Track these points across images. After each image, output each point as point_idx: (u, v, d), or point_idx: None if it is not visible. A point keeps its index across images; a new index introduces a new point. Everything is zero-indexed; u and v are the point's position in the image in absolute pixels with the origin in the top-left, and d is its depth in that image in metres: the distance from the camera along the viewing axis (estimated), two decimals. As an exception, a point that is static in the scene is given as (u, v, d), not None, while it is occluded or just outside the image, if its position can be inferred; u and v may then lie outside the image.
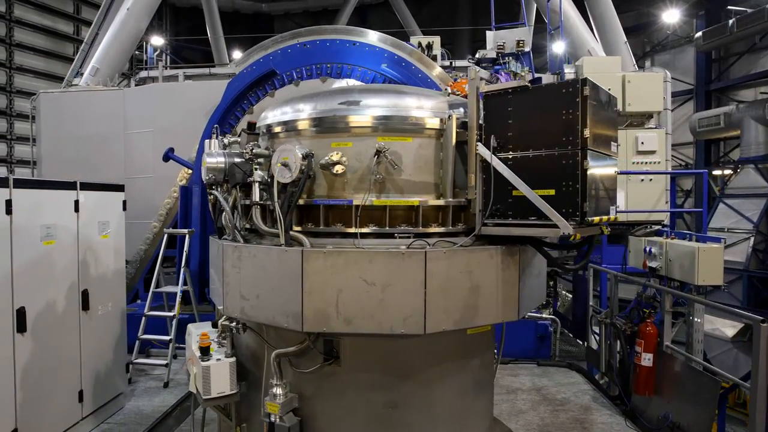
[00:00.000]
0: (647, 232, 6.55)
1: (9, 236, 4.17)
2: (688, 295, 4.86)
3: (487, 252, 3.13)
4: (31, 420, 4.37)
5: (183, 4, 18.25)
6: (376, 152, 3.14)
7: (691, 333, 5.15)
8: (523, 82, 3.09)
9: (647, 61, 15.92)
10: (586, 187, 2.83)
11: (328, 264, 3.00)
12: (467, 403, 3.40)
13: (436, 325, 2.96)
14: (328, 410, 3.30)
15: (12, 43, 12.55)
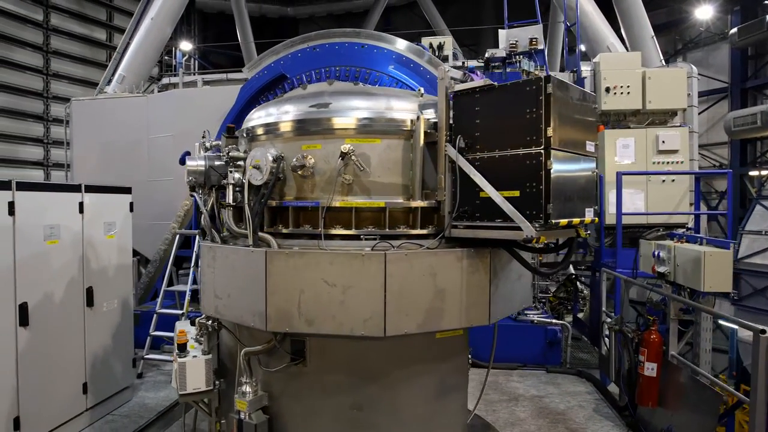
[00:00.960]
0: (658, 235, 6.26)
1: (12, 236, 4.41)
2: (691, 302, 4.61)
3: (453, 254, 3.07)
4: (33, 408, 4.60)
5: (210, 10, 18.84)
6: (341, 154, 3.14)
7: (698, 343, 4.89)
8: (488, 81, 3.03)
9: (679, 59, 15.24)
10: (549, 188, 2.73)
11: (290, 265, 3.03)
12: (437, 408, 3.34)
13: (396, 328, 2.93)
14: (295, 410, 3.32)
15: (48, 51, 13.27)
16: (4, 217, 4.36)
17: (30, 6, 12.88)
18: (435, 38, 8.81)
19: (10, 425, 4.39)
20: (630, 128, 8.26)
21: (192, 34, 18.04)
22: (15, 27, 12.47)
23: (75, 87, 13.98)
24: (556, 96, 2.76)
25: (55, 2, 13.55)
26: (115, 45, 14.57)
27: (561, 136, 2.84)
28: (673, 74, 8.21)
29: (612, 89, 8.12)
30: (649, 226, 7.95)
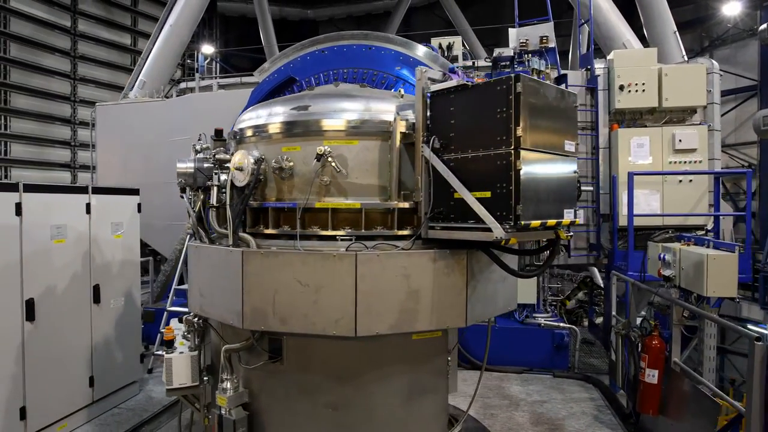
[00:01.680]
0: (666, 237, 6.06)
1: (19, 235, 4.63)
2: (691, 306, 4.44)
3: (427, 255, 3.07)
4: (39, 399, 4.82)
5: (232, 14, 19.26)
6: (317, 156, 3.18)
7: (702, 350, 4.71)
8: (461, 80, 3.01)
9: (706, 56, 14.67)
10: (519, 189, 2.70)
11: (265, 265, 3.08)
12: (413, 410, 3.34)
13: (368, 328, 2.95)
14: (274, 407, 3.38)
15: (76, 56, 13.83)
16: (11, 218, 4.59)
17: (58, 12, 13.46)
18: (444, 38, 8.75)
19: (16, 414, 4.61)
20: (645, 127, 8.04)
21: (214, 37, 18.48)
22: (45, 33, 13.04)
23: (101, 91, 14.52)
24: (526, 95, 2.73)
25: (82, 8, 14.11)
26: (139, 49, 15.09)
27: (534, 136, 2.80)
28: (692, 70, 7.94)
29: (626, 87, 7.91)
30: (665, 228, 7.71)
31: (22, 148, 12.56)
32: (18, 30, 12.30)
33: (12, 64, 12.15)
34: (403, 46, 8.09)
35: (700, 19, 15.39)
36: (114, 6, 15.08)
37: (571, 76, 8.34)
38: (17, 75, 12.33)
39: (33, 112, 12.76)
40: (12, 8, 12.10)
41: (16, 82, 12.26)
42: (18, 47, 12.28)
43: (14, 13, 12.18)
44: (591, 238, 8.35)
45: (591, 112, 8.29)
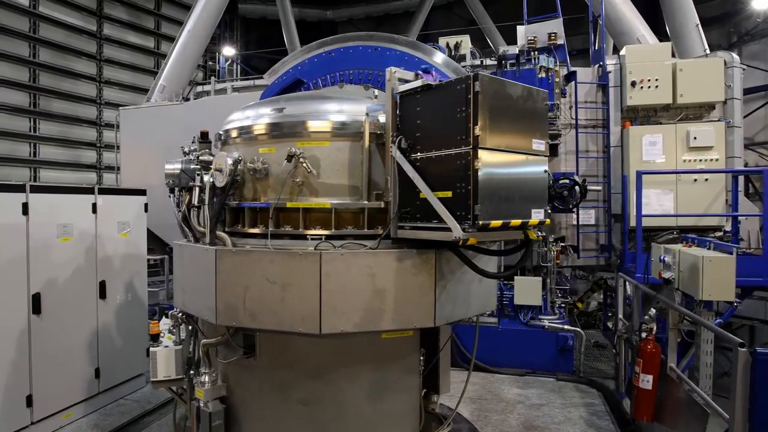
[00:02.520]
0: (670, 238, 5.88)
1: (25, 233, 4.91)
2: (684, 310, 4.31)
3: (393, 255, 3.11)
4: (45, 388, 5.09)
5: (252, 15, 19.66)
6: (288, 157, 3.26)
7: (698, 355, 4.56)
8: (426, 80, 3.04)
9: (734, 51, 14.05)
10: (477, 188, 2.71)
11: (236, 262, 3.20)
12: (383, 409, 3.39)
13: (333, 326, 3.02)
14: (248, 401, 3.49)
15: (101, 59, 14.42)
16: (18, 217, 4.87)
17: (85, 17, 14.06)
18: (452, 38, 8.73)
19: (23, 402, 4.89)
20: (660, 124, 7.82)
21: (234, 39, 18.90)
22: (72, 37, 13.65)
23: (124, 93, 15.08)
24: (485, 94, 2.74)
25: (108, 13, 14.69)
26: (162, 52, 15.60)
27: (495, 135, 2.81)
28: (708, 65, 7.68)
29: (638, 83, 7.71)
30: (679, 229, 7.49)
31: (50, 150, 13.19)
32: (47, 35, 12.91)
33: (41, 68, 12.77)
34: (407, 47, 8.12)
35: (728, 14, 14.80)
36: (138, 10, 15.63)
37: (581, 73, 8.19)
38: (46, 79, 12.95)
39: (61, 114, 13.37)
40: (41, 14, 12.72)
41: (44, 85, 12.88)
42: (47, 51, 12.90)
43: (44, 19, 12.80)
44: (602, 239, 8.18)
45: (602, 109, 8.13)
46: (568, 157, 8.23)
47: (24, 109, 12.40)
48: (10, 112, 12.09)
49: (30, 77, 12.52)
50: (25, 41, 12.40)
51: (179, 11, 16.42)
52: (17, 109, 12.24)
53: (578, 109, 8.14)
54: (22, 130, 12.42)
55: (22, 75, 12.36)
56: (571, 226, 8.13)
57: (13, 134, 12.20)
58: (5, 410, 4.73)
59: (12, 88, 12.10)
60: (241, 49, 19.08)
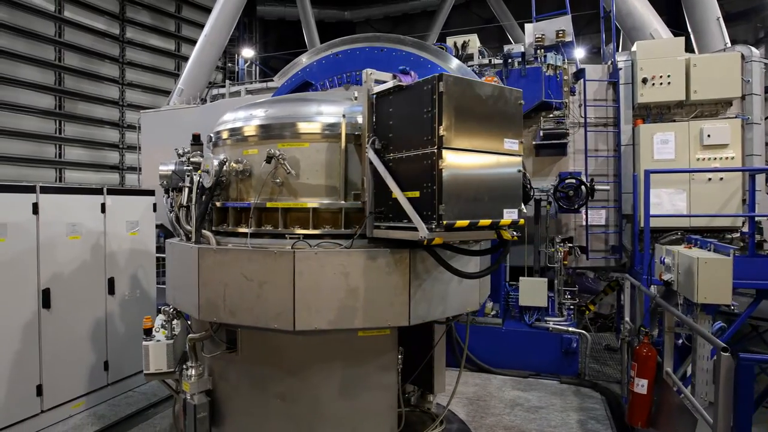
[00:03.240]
0: (673, 239, 5.74)
1: (35, 231, 5.20)
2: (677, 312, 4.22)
3: (366, 254, 3.19)
4: (55, 378, 5.37)
5: (271, 17, 20.02)
6: (268, 158, 3.38)
7: (694, 360, 4.47)
8: (398, 81, 3.11)
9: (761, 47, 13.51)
10: (441, 188, 2.77)
11: (217, 260, 3.34)
12: (359, 406, 3.46)
13: (306, 323, 3.12)
14: (231, 395, 3.63)
15: (124, 62, 14.97)
16: (28, 216, 5.16)
17: (109, 21, 14.62)
18: (459, 37, 8.73)
19: (34, 390, 5.18)
20: (673, 122, 7.65)
21: (253, 40, 19.29)
22: (96, 41, 14.21)
23: (146, 95, 15.60)
24: (450, 94, 2.79)
25: (130, 16, 15.23)
26: (183, 54, 16.07)
27: (462, 135, 2.86)
28: (724, 59, 7.47)
29: (650, 80, 7.57)
30: (692, 230, 7.33)
31: (75, 151, 13.77)
32: (72, 39, 13.48)
33: (66, 71, 13.35)
34: (413, 47, 8.21)
35: (755, 9, 14.29)
36: (160, 13, 16.14)
37: (592, 71, 8.09)
38: (70, 81, 13.52)
39: (85, 116, 13.94)
40: (66, 18, 13.29)
41: (69, 88, 13.45)
42: (71, 55, 13.47)
43: (68, 23, 13.37)
44: (612, 239, 8.06)
45: (613, 107, 8.01)
46: (578, 157, 8.14)
47: (50, 111, 12.98)
48: (37, 114, 12.67)
49: (55, 80, 13.10)
50: (51, 45, 12.97)
51: (200, 14, 16.87)
52: (43, 111, 12.82)
53: (588, 107, 8.05)
54: (48, 132, 12.99)
55: (48, 78, 12.94)
56: (579, 227, 8.03)
57: (40, 136, 12.78)
58: (17, 398, 5.03)
59: (39, 91, 12.68)
60: (259, 51, 19.46)
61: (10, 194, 5.10)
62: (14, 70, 12.09)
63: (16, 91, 12.17)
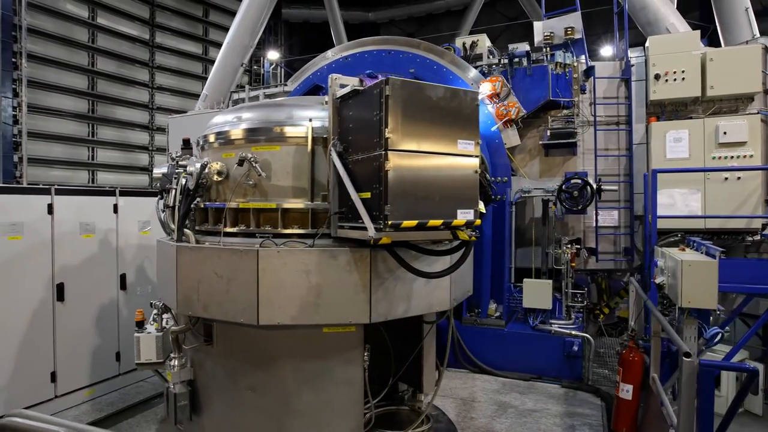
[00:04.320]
0: (671, 241, 5.61)
1: (50, 230, 5.67)
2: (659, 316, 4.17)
3: (327, 253, 3.38)
4: (68, 367, 5.84)
5: (295, 20, 20.51)
6: (240, 161, 3.63)
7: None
8: (356, 85, 3.27)
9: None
10: (388, 189, 2.92)
11: (192, 257, 3.61)
12: (325, 399, 3.63)
13: (270, 318, 3.34)
14: (208, 385, 3.90)
15: (153, 66, 15.74)
16: (44, 216, 5.64)
17: (139, 26, 15.42)
18: (468, 37, 8.77)
19: (48, 377, 5.66)
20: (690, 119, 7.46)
21: (279, 43, 19.82)
22: (126, 46, 15.02)
23: (174, 98, 16.34)
24: (396, 98, 2.93)
25: (160, 22, 16.00)
26: (210, 58, 16.73)
27: (409, 137, 3.00)
28: (743, 53, 7.23)
29: (663, 76, 7.41)
30: (707, 232, 7.14)
31: (107, 153, 14.61)
32: (104, 44, 14.31)
33: (98, 76, 14.19)
34: (421, 49, 8.36)
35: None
36: (187, 18, 16.87)
37: (602, 68, 7.98)
38: (103, 86, 14.36)
39: (116, 119, 14.77)
40: (99, 24, 14.12)
41: (102, 92, 14.29)
42: (103, 60, 14.30)
43: (101, 29, 14.20)
44: (624, 241, 7.92)
45: (625, 105, 7.87)
46: (588, 156, 8.03)
47: (83, 114, 13.83)
48: (71, 118, 13.53)
49: (89, 85, 13.95)
50: (85, 51, 13.82)
51: (227, 18, 17.47)
52: (78, 115, 13.68)
53: (599, 105, 7.94)
54: (82, 135, 13.85)
55: (82, 83, 13.79)
56: (588, 228, 7.94)
57: (74, 139, 13.64)
58: (32, 384, 5.50)
59: (73, 95, 13.54)
60: (284, 53, 19.98)
61: (27, 196, 5.59)
62: (51, 76, 12.96)
63: (53, 96, 13.04)
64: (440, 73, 7.99)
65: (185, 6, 16.81)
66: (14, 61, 11.44)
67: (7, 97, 11.25)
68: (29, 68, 11.77)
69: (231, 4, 17.22)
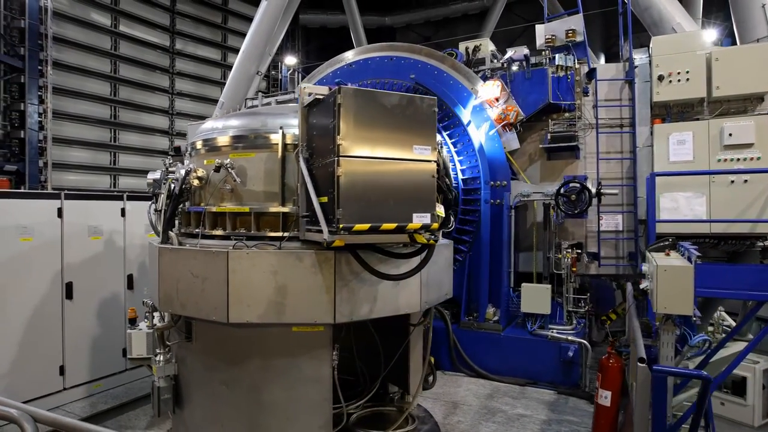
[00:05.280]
0: (660, 245, 5.58)
1: (60, 233, 6.13)
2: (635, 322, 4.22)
3: (294, 255, 3.62)
4: (76, 361, 6.29)
5: (313, 25, 20.98)
6: (216, 167, 3.92)
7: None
8: (318, 94, 3.50)
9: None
10: (339, 194, 3.14)
11: (172, 258, 3.92)
12: (295, 396, 3.85)
13: (239, 316, 3.60)
14: (189, 380, 4.20)
15: (173, 72, 16.43)
16: (54, 219, 6.10)
17: (159, 33, 16.13)
18: (471, 42, 8.92)
19: (57, 370, 6.10)
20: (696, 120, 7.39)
21: (296, 48, 20.32)
22: (148, 53, 15.73)
23: (193, 103, 16.99)
24: (348, 106, 3.15)
25: (180, 29, 16.69)
26: (228, 64, 17.33)
27: (362, 144, 3.21)
28: (750, 52, 7.14)
29: (666, 77, 7.38)
30: (714, 237, 7.08)
31: (128, 158, 15.32)
32: (126, 51, 15.05)
33: (121, 83, 14.92)
34: (423, 55, 8.57)
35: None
36: (207, 24, 17.53)
37: (604, 70, 8.00)
38: (125, 92, 15.09)
39: (137, 125, 15.49)
40: (121, 32, 14.86)
41: (124, 98, 15.02)
42: (125, 67, 15.03)
43: (122, 36, 14.93)
44: (628, 245, 7.90)
45: (628, 107, 7.86)
46: (592, 160, 8.05)
47: (106, 120, 14.57)
48: (94, 124, 14.28)
49: (111, 91, 14.69)
50: (108, 58, 14.57)
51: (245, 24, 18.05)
52: (100, 120, 14.42)
53: (603, 107, 7.95)
54: (104, 140, 14.59)
55: (104, 89, 14.54)
56: (590, 233, 7.95)
57: (97, 144, 14.38)
58: (42, 376, 5.96)
59: (96, 102, 14.29)
60: (302, 59, 20.46)
61: (37, 200, 6.07)
62: (75, 83, 13.73)
63: (77, 102, 13.80)
64: (440, 78, 8.17)
65: (205, 13, 17.47)
66: (40, 68, 12.18)
67: (33, 103, 11.99)
68: (54, 75, 12.51)
69: (249, 11, 17.78)
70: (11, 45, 11.76)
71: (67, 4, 13.55)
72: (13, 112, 11.83)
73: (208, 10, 17.58)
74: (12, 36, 11.87)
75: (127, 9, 15.04)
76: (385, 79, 8.65)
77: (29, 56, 11.97)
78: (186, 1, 16.78)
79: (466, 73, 8.11)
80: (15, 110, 11.85)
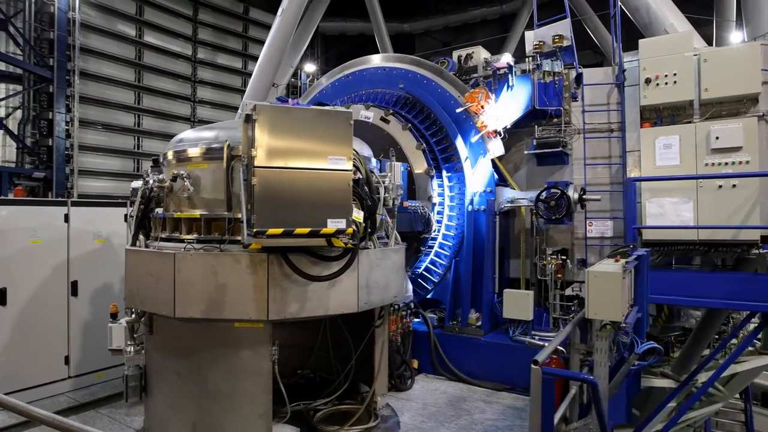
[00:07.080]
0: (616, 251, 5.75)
1: (66, 236, 7.02)
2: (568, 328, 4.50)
3: (231, 257, 4.21)
4: (80, 352, 7.15)
5: (332, 32, 21.79)
6: (173, 177, 4.57)
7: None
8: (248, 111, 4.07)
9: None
10: (254, 201, 3.71)
11: (135, 259, 4.61)
12: (237, 387, 4.40)
13: (184, 311, 4.23)
14: (153, 369, 4.86)
15: (195, 81, 17.60)
16: (61, 224, 6.99)
17: (183, 43, 17.33)
18: (463, 50, 9.31)
19: (62, 360, 6.98)
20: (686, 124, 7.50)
21: (315, 55, 21.19)
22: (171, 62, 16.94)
23: (214, 111, 18.11)
24: (262, 122, 3.72)
25: (202, 38, 17.86)
26: (248, 72, 18.36)
27: (276, 155, 3.77)
28: (740, 52, 7.19)
29: (653, 79, 7.52)
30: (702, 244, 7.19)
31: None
32: (149, 61, 16.29)
33: (144, 91, 16.17)
34: (412, 65, 9.10)
35: None
36: (227, 33, 18.64)
37: (592, 74, 8.18)
38: (148, 100, 16.33)
39: (160, 132, 16.70)
40: (145, 42, 16.11)
41: (147, 107, 16.27)
42: (148, 75, 16.27)
43: (146, 46, 16.19)
44: (617, 252, 8.05)
45: (616, 112, 8.03)
46: (580, 165, 8.24)
47: (129, 128, 15.83)
48: (119, 131, 15.55)
49: (135, 100, 15.94)
50: (132, 67, 15.84)
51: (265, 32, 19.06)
52: (123, 128, 15.69)
53: (592, 112, 8.15)
54: (128, 148, 15.85)
55: (129, 98, 15.81)
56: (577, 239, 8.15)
57: (122, 152, 15.66)
58: (48, 364, 6.83)
59: (121, 110, 15.57)
60: (321, 66, 21.30)
61: (47, 207, 6.98)
62: (100, 91, 15.02)
63: (102, 110, 15.10)
64: (429, 87, 8.65)
65: (226, 22, 18.59)
66: (67, 78, 13.46)
67: (61, 112, 13.27)
68: (81, 85, 13.79)
69: (269, 19, 18.76)
70: (41, 56, 13.06)
71: (94, 16, 14.88)
72: (41, 120, 13.14)
73: (229, 19, 18.71)
74: (42, 47, 13.19)
75: (151, 20, 16.30)
76: (378, 89, 9.20)
77: (58, 66, 13.25)
78: (208, 10, 17.93)
79: (453, 81, 8.52)
80: (44, 119, 13.17)
